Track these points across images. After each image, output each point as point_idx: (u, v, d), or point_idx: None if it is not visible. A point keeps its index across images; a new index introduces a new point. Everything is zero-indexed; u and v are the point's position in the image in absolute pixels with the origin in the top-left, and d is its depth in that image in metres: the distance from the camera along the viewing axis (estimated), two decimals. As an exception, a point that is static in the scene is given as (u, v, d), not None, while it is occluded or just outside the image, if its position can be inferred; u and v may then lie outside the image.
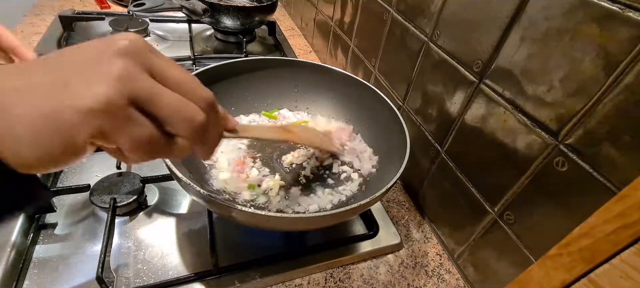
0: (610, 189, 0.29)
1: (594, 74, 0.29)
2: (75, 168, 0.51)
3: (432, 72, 0.50)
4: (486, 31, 0.39)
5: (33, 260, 0.40)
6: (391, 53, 0.60)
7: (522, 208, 0.38)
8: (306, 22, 1.02)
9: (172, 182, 0.46)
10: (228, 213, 0.34)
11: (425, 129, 0.53)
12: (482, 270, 0.44)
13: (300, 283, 0.43)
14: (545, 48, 0.33)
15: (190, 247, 0.44)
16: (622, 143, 0.28)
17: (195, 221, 0.46)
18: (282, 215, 0.33)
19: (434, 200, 0.53)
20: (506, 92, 0.38)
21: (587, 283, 0.25)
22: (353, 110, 0.57)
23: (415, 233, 0.52)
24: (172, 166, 0.34)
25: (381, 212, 0.52)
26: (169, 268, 0.41)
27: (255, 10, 0.85)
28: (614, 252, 0.23)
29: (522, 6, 0.35)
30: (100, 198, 0.44)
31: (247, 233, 0.46)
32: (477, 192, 0.43)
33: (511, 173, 0.38)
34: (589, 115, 0.30)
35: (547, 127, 0.34)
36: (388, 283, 0.45)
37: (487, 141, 0.41)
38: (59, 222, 0.44)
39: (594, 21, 0.29)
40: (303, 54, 0.96)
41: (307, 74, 0.58)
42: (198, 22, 0.86)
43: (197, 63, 0.76)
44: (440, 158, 0.49)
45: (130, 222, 0.45)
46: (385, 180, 0.39)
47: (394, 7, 0.57)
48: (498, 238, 0.41)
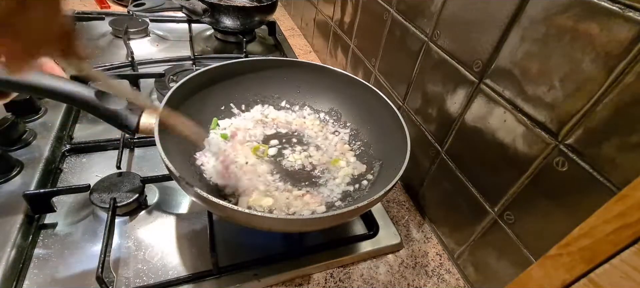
0: (610, 189, 0.29)
1: (594, 74, 0.29)
2: (75, 169, 0.51)
3: (432, 72, 0.50)
4: (486, 31, 0.39)
5: (33, 260, 0.40)
6: (391, 53, 0.60)
7: (522, 208, 0.38)
8: (306, 22, 1.02)
9: (172, 182, 0.46)
10: (226, 214, 0.34)
11: (425, 129, 0.53)
12: (482, 270, 0.44)
13: (300, 283, 0.43)
14: (545, 48, 0.33)
15: (190, 247, 0.44)
16: (622, 143, 0.28)
17: (195, 221, 0.46)
18: (280, 217, 0.33)
19: (434, 200, 0.53)
20: (506, 92, 0.38)
21: (587, 283, 0.25)
22: (353, 110, 0.57)
23: (416, 233, 0.52)
24: (171, 166, 0.34)
25: (381, 212, 0.52)
26: (169, 268, 0.41)
27: (255, 10, 0.85)
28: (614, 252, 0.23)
29: (522, 6, 0.35)
30: (100, 198, 0.44)
31: (247, 234, 0.46)
32: (477, 192, 0.43)
33: (511, 173, 0.38)
34: (589, 115, 0.30)
35: (547, 127, 0.34)
36: (388, 283, 0.45)
37: (487, 141, 0.41)
38: (59, 222, 0.44)
39: (594, 21, 0.29)
40: (303, 54, 0.96)
41: (307, 74, 0.58)
42: (198, 22, 0.86)
43: (197, 63, 0.76)
44: (440, 158, 0.49)
45: (130, 222, 0.45)
46: (386, 180, 0.39)
47: (394, 7, 0.57)
48: (498, 238, 0.41)
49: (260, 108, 0.57)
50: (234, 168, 0.46)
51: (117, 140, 0.53)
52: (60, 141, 0.53)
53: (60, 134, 0.54)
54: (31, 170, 0.47)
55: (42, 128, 0.54)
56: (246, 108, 0.56)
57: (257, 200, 0.44)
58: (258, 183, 0.46)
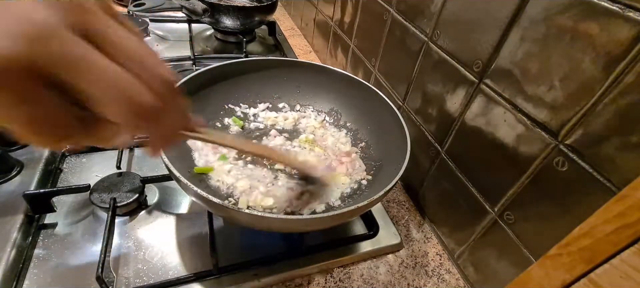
0: (610, 189, 0.29)
1: (594, 74, 0.29)
2: (75, 168, 0.51)
3: (432, 72, 0.50)
4: (486, 31, 0.39)
5: (33, 260, 0.40)
6: (391, 53, 0.60)
7: (522, 208, 0.38)
8: (306, 22, 1.02)
9: (172, 182, 0.46)
10: (226, 214, 0.34)
11: (425, 129, 0.53)
12: (482, 270, 0.44)
13: (300, 283, 0.43)
14: (545, 48, 0.33)
15: (190, 247, 0.44)
16: (622, 143, 0.28)
17: (195, 221, 0.46)
18: (280, 217, 0.33)
19: (434, 200, 0.53)
20: (506, 92, 0.38)
21: (587, 283, 0.25)
22: (353, 110, 0.57)
23: (416, 233, 0.52)
24: (171, 166, 0.34)
25: (381, 212, 0.52)
26: (169, 268, 0.41)
27: (255, 10, 0.85)
28: (614, 252, 0.23)
29: (522, 6, 0.35)
30: (100, 198, 0.44)
31: (247, 234, 0.46)
32: (477, 192, 0.43)
33: (511, 173, 0.38)
34: (589, 115, 0.30)
35: (547, 127, 0.34)
36: (388, 283, 0.45)
37: (487, 141, 0.41)
38: (59, 222, 0.44)
39: (594, 21, 0.29)
40: (303, 54, 0.96)
41: (307, 74, 0.58)
42: (198, 22, 0.86)
43: (197, 63, 0.76)
44: (440, 158, 0.49)
45: (130, 222, 0.45)
46: (386, 180, 0.39)
47: (394, 7, 0.57)
48: (498, 238, 0.41)
49: (260, 108, 0.57)
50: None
51: (117, 140, 0.53)
52: (60, 141, 0.53)
53: (60, 134, 0.54)
54: (31, 170, 0.47)
55: (42, 128, 0.54)
56: (246, 108, 0.57)
57: (257, 200, 0.44)
58: (258, 184, 0.46)
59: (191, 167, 0.46)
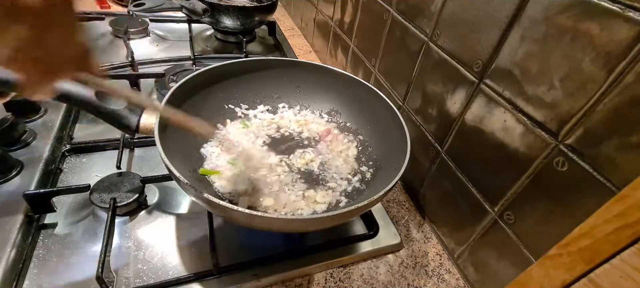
0: (610, 189, 0.29)
1: (594, 74, 0.29)
2: (75, 169, 0.51)
3: (432, 72, 0.50)
4: (486, 31, 0.39)
5: (33, 260, 0.40)
6: (391, 53, 0.60)
7: (522, 208, 0.38)
8: (306, 22, 1.02)
9: (172, 182, 0.46)
10: (226, 214, 0.34)
11: (425, 128, 0.53)
12: (482, 270, 0.44)
13: (300, 283, 0.43)
14: (545, 48, 0.33)
15: (190, 247, 0.44)
16: (622, 143, 0.28)
17: (195, 221, 0.46)
18: (281, 217, 0.33)
19: (434, 200, 0.53)
20: (506, 92, 0.38)
21: (587, 283, 0.25)
22: (353, 110, 0.57)
23: (415, 233, 0.52)
24: (171, 166, 0.34)
25: (381, 212, 0.52)
26: (169, 268, 0.41)
27: (255, 10, 0.85)
28: (614, 252, 0.23)
29: (522, 6, 0.35)
30: (100, 198, 0.44)
31: (247, 234, 0.46)
32: (477, 192, 0.43)
33: (511, 173, 0.38)
34: (589, 115, 0.30)
35: (547, 127, 0.34)
36: (388, 283, 0.45)
37: (487, 141, 0.41)
38: (59, 222, 0.44)
39: (594, 21, 0.29)
40: (303, 54, 0.96)
41: (307, 74, 0.57)
42: (198, 22, 0.86)
43: (197, 63, 0.76)
44: (440, 158, 0.49)
45: (130, 222, 0.45)
46: (386, 180, 0.39)
47: (394, 7, 0.57)
48: (498, 238, 0.41)
49: (260, 108, 0.57)
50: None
51: (117, 140, 0.53)
52: (60, 141, 0.53)
53: (60, 134, 0.54)
54: (31, 170, 0.47)
55: (42, 128, 0.54)
56: (247, 108, 0.57)
57: (257, 200, 0.44)
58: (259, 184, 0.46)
59: (196, 167, 0.46)
